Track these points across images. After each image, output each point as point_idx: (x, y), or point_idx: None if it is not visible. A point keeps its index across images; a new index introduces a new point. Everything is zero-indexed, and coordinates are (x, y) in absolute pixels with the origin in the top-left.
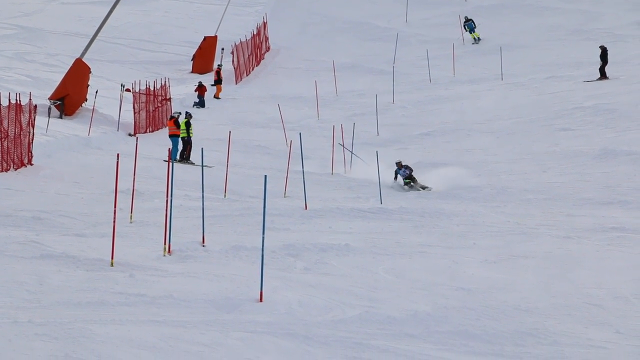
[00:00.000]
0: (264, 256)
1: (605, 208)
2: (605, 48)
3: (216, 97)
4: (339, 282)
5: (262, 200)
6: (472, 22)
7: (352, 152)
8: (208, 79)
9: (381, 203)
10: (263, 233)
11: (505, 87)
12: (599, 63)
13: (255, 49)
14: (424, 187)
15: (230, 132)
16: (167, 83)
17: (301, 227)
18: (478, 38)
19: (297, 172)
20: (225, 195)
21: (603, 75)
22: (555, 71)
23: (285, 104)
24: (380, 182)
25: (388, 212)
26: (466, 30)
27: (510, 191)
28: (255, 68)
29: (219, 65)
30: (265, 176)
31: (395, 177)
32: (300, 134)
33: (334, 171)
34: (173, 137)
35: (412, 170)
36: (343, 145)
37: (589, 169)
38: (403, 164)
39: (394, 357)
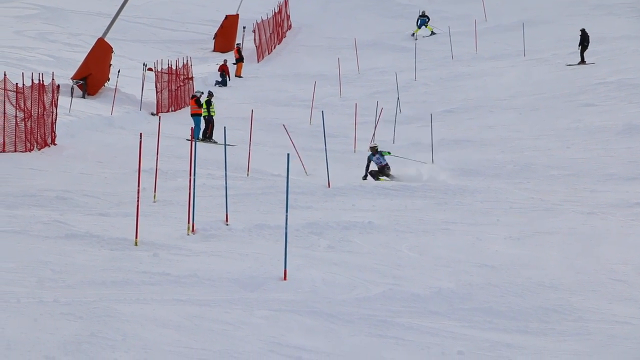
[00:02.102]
0: (288, 234)
1: (629, 183)
2: (586, 32)
3: (237, 75)
4: (362, 260)
5: (285, 179)
6: (427, 17)
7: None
8: (230, 58)
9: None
10: (286, 211)
11: (527, 63)
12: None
13: (276, 27)
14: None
15: (252, 110)
16: (189, 62)
17: (324, 205)
18: (432, 32)
19: (320, 150)
20: (248, 174)
21: (582, 60)
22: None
23: (307, 82)
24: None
25: (411, 190)
26: (417, 26)
27: (533, 167)
28: (277, 46)
29: (237, 44)
30: (288, 154)
31: (368, 167)
32: (322, 112)
33: (356, 149)
34: (195, 116)
35: (386, 165)
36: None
37: (612, 145)
38: (378, 150)
39: (418, 334)
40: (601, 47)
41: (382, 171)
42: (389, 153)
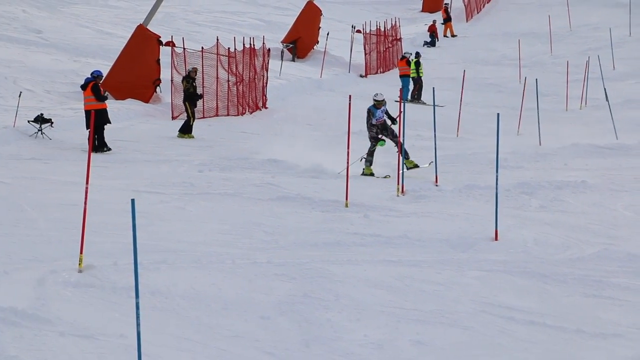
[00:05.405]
0: (498, 194)
1: None
2: None
3: (446, 35)
4: (575, 219)
5: (495, 139)
6: None
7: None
8: (439, 18)
9: (617, 138)
10: (497, 171)
11: None
12: None
13: None
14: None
15: (464, 71)
16: (397, 23)
17: (535, 164)
18: None
19: (531, 109)
20: (457, 135)
21: None
22: None
23: (517, 41)
24: (612, 117)
25: (625, 148)
26: None
27: None
28: (486, 5)
29: (445, 3)
30: (498, 114)
31: (369, 121)
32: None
33: (568, 107)
34: (404, 77)
35: (393, 122)
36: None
37: None
38: (382, 101)
39: (635, 294)
40: None
41: (384, 129)
42: (383, 143)
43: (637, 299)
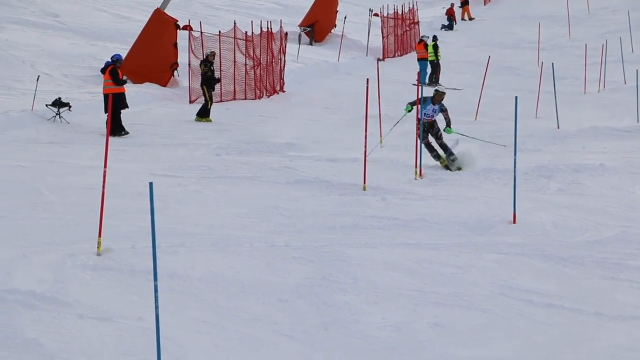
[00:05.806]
0: (516, 178)
1: None
2: None
3: (464, 18)
4: (594, 202)
5: (513, 122)
6: None
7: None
8: (456, 1)
9: (638, 121)
10: (515, 154)
11: None
12: None
13: None
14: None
15: (489, 57)
16: (415, 6)
17: (553, 147)
18: None
19: (549, 92)
20: (475, 118)
21: None
22: None
23: (535, 24)
24: (639, 99)
25: None
26: None
27: None
28: None
29: None
30: (516, 97)
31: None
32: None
33: (586, 90)
34: (421, 60)
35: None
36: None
37: None
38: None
39: None
40: None
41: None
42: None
43: None
